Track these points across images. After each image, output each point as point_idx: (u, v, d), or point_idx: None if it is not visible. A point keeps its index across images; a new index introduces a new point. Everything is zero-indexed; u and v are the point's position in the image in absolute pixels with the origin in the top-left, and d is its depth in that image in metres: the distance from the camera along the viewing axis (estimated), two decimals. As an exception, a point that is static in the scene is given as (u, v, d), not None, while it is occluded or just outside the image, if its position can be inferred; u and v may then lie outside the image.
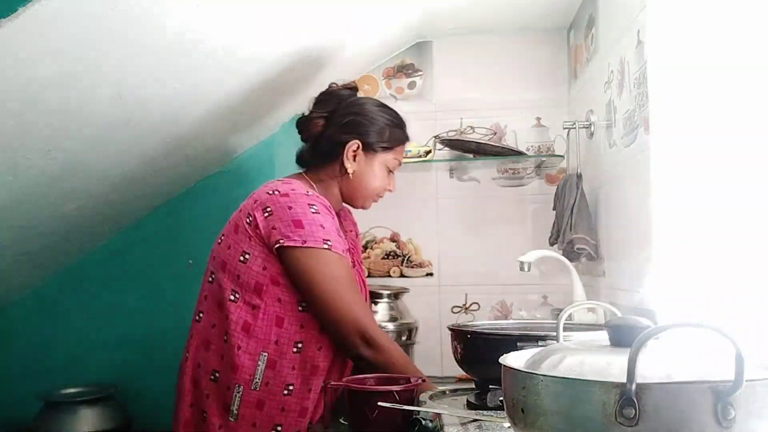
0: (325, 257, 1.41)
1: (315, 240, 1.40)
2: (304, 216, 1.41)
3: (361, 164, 1.57)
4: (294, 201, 1.42)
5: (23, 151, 1.41)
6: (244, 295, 1.43)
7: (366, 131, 1.56)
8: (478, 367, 1.37)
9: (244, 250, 1.43)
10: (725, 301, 1.26)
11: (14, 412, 2.09)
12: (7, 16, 1.00)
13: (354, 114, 1.57)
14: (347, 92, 1.62)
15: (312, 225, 1.40)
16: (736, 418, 0.63)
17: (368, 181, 1.59)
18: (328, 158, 1.58)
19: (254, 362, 1.41)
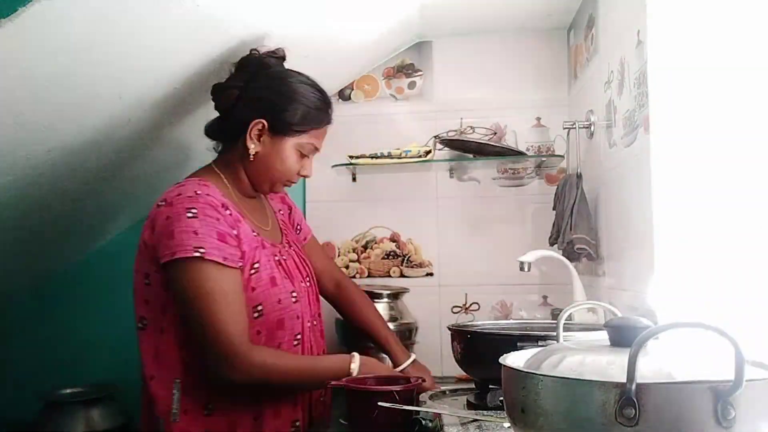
0: (194, 268, 1.24)
1: (184, 249, 1.24)
2: (178, 224, 1.26)
3: (267, 146, 1.39)
4: (172, 209, 1.28)
5: (23, 151, 1.41)
6: (152, 320, 1.33)
7: (278, 109, 1.37)
8: (478, 367, 1.37)
9: (146, 272, 1.33)
10: (725, 301, 1.26)
11: (14, 412, 2.09)
12: (7, 16, 1.00)
13: (269, 89, 1.39)
14: (273, 60, 1.45)
15: (183, 233, 1.25)
16: (736, 418, 0.63)
17: (273, 164, 1.40)
18: (234, 137, 1.41)
19: (169, 391, 1.31)
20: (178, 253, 1.25)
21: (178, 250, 1.25)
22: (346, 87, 2.31)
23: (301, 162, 1.43)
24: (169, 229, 1.27)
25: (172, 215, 1.27)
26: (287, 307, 1.37)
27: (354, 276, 2.28)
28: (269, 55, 1.45)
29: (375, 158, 2.10)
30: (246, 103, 1.40)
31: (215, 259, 1.26)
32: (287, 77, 1.42)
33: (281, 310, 1.36)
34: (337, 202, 2.30)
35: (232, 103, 1.41)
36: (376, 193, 2.29)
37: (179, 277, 1.26)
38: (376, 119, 2.30)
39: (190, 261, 1.25)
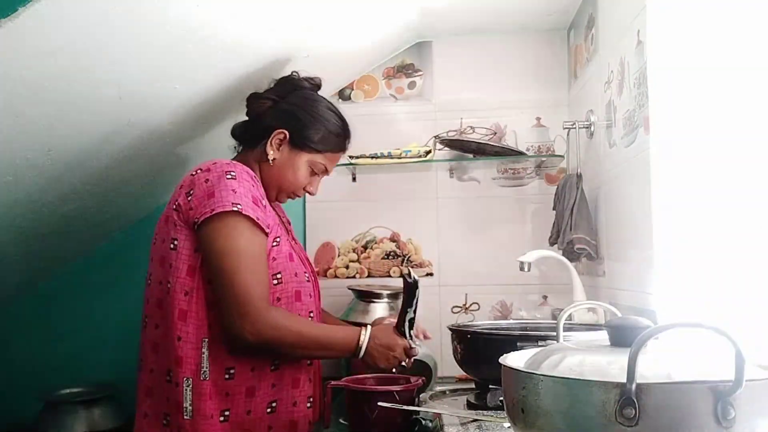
0: (229, 222, 1.31)
1: (223, 204, 1.31)
2: (218, 184, 1.33)
3: (284, 155, 1.50)
4: (211, 173, 1.36)
5: (23, 151, 1.41)
6: (176, 283, 1.35)
7: (301, 125, 1.50)
8: (478, 367, 1.37)
9: (173, 238, 1.37)
10: (725, 301, 1.26)
11: (14, 412, 2.09)
12: (7, 15, 1.00)
13: (299, 106, 1.52)
14: (308, 85, 1.58)
15: (223, 191, 1.32)
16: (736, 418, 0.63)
17: (286, 173, 1.51)
18: (257, 141, 1.51)
19: (198, 350, 1.34)
20: (217, 208, 1.31)
21: (218, 206, 1.31)
22: (346, 87, 2.31)
23: (309, 179, 1.54)
24: (209, 190, 1.34)
25: (212, 178, 1.35)
26: (303, 283, 1.44)
27: (354, 276, 2.28)
28: (307, 80, 1.58)
29: (375, 158, 2.10)
30: (275, 113, 1.52)
31: (250, 215, 1.33)
32: (318, 101, 1.56)
33: (299, 283, 1.43)
34: (337, 202, 2.30)
35: (262, 111, 1.53)
36: (376, 193, 2.29)
37: (215, 232, 1.32)
38: (376, 119, 2.30)
39: (228, 215, 1.31)
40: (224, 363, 1.35)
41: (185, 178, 1.40)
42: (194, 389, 1.33)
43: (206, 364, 1.34)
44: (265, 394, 1.39)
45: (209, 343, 1.34)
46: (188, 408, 1.33)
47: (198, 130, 1.85)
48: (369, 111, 2.30)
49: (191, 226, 1.35)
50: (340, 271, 2.27)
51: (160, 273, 1.39)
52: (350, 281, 2.26)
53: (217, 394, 1.35)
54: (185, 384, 1.33)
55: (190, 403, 1.33)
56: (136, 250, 2.19)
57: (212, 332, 1.35)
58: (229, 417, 1.35)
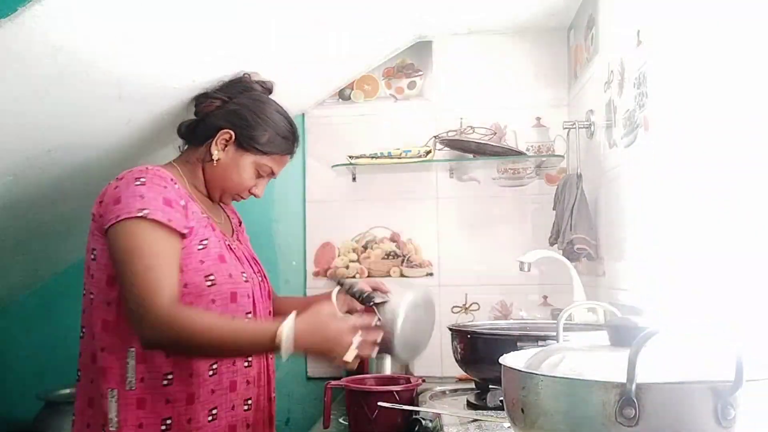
0: (131, 228, 1.26)
1: (129, 211, 1.26)
2: (125, 190, 1.29)
3: (229, 156, 1.46)
4: (122, 180, 1.32)
5: (23, 151, 1.41)
6: (98, 293, 1.33)
7: (247, 126, 1.46)
8: (478, 367, 1.37)
9: (92, 248, 1.34)
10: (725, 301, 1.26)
11: (14, 412, 2.09)
12: (7, 15, 1.00)
13: (247, 107, 1.48)
14: (259, 88, 1.54)
15: (129, 197, 1.28)
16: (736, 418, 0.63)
17: (231, 174, 1.47)
18: (201, 140, 1.47)
19: (122, 360, 1.30)
20: (123, 215, 1.27)
21: (123, 212, 1.27)
22: (346, 87, 2.31)
23: (255, 180, 1.50)
24: (116, 196, 1.30)
25: (121, 185, 1.31)
26: (238, 283, 1.39)
27: (354, 276, 2.28)
28: (259, 83, 1.53)
29: (375, 158, 2.10)
30: (222, 113, 1.47)
31: (158, 219, 1.27)
32: (267, 103, 1.51)
33: (233, 284, 1.37)
34: (337, 202, 2.30)
35: (210, 111, 1.49)
36: (376, 193, 2.29)
37: (120, 238, 1.27)
38: (376, 119, 2.30)
39: (133, 221, 1.26)
40: (161, 369, 1.31)
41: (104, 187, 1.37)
42: (119, 400, 1.30)
43: (132, 374, 1.30)
44: (205, 401, 1.34)
45: (137, 352, 1.30)
46: (113, 419, 1.29)
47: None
48: (369, 111, 2.30)
49: (103, 234, 1.31)
50: (340, 272, 2.27)
51: (85, 283, 1.37)
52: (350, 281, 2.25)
53: (155, 402, 1.31)
54: (110, 395, 1.30)
55: (116, 414, 1.29)
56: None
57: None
58: (171, 426, 1.31)
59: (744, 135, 1.29)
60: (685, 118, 1.30)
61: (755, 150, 1.29)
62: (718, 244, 1.28)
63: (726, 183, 1.29)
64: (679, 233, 1.29)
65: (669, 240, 1.30)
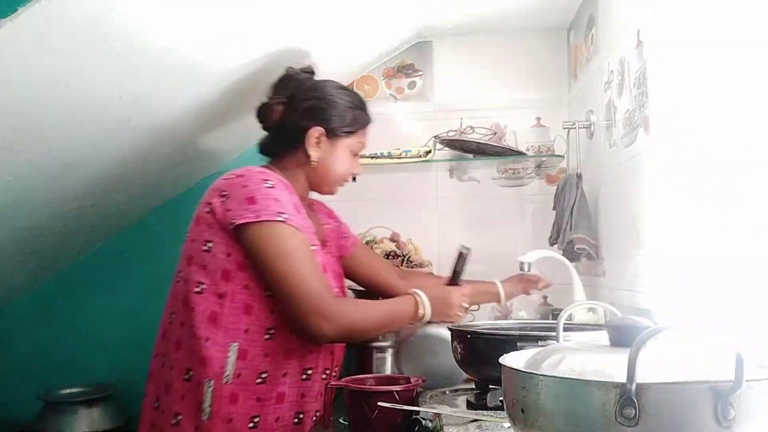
0: (277, 230, 1.34)
1: (269, 213, 1.33)
2: (258, 191, 1.36)
3: (325, 151, 1.52)
4: (248, 179, 1.38)
5: (23, 151, 1.41)
6: (210, 285, 1.37)
7: (328, 116, 1.50)
8: (478, 367, 1.37)
9: (206, 239, 1.38)
10: (725, 301, 1.26)
11: (14, 412, 2.09)
12: (7, 16, 1.00)
13: (314, 99, 1.51)
14: (305, 75, 1.57)
15: (266, 199, 1.35)
16: (736, 418, 0.63)
17: (333, 167, 1.54)
18: (292, 146, 1.52)
19: (224, 354, 1.35)
20: (263, 216, 1.33)
21: (263, 213, 1.33)
22: (346, 87, 2.31)
23: (353, 161, 1.58)
24: (248, 195, 1.35)
25: (249, 183, 1.37)
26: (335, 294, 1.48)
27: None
28: (302, 71, 1.58)
29: (375, 158, 2.10)
30: (296, 115, 1.51)
31: (295, 225, 1.36)
32: (325, 85, 1.55)
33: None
34: (337, 202, 2.29)
35: (279, 117, 1.53)
36: (376, 193, 2.29)
37: (262, 239, 1.34)
38: (376, 119, 2.29)
39: (274, 224, 1.34)
40: (258, 367, 1.37)
41: (217, 182, 1.42)
42: (214, 392, 1.34)
43: (231, 368, 1.35)
44: (292, 403, 1.41)
45: (239, 348, 1.35)
46: (206, 409, 1.33)
47: (199, 129, 1.85)
48: (369, 111, 2.30)
49: (226, 228, 1.36)
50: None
51: (189, 272, 1.40)
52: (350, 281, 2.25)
53: (246, 399, 1.35)
54: (207, 385, 1.34)
55: (209, 405, 1.33)
56: (136, 250, 2.20)
57: (248, 337, 1.36)
58: (258, 423, 1.36)
59: (744, 135, 1.29)
60: (685, 118, 1.30)
61: (755, 150, 1.29)
62: (718, 245, 1.28)
63: (726, 183, 1.29)
64: (679, 233, 1.29)
65: (669, 240, 1.30)
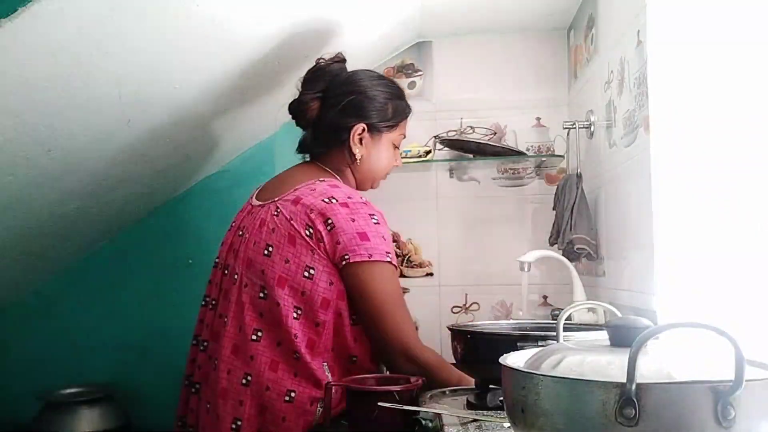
0: (385, 271, 1.37)
1: (380, 253, 1.36)
2: (368, 227, 1.36)
3: (369, 147, 1.48)
4: (355, 212, 1.37)
5: (23, 151, 1.41)
6: (307, 311, 1.35)
7: (368, 112, 1.46)
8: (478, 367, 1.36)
9: (307, 265, 1.35)
10: (725, 301, 1.26)
11: (14, 412, 2.09)
12: (7, 16, 1.00)
13: (351, 93, 1.46)
14: (338, 66, 1.52)
15: (376, 237, 1.36)
16: (736, 418, 0.63)
17: (377, 163, 1.52)
18: (335, 144, 1.48)
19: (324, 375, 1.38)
20: (375, 256, 1.35)
21: (375, 253, 1.35)
22: (346, 87, 2.31)
23: (395, 154, 1.55)
24: (360, 231, 1.35)
25: (358, 218, 1.36)
26: None
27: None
28: (334, 61, 1.52)
29: (375, 158, 2.10)
30: (335, 111, 1.46)
31: (395, 264, 1.40)
32: (361, 77, 1.50)
33: None
34: (337, 202, 2.29)
35: (316, 114, 1.48)
36: (376, 193, 2.28)
37: (372, 278, 1.36)
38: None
39: (383, 264, 1.36)
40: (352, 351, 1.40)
41: (311, 202, 1.37)
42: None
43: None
44: None
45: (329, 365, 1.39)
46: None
47: (199, 130, 1.85)
48: (369, 111, 2.30)
49: (333, 260, 1.35)
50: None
51: (281, 295, 1.35)
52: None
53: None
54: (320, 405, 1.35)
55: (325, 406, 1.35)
56: (136, 250, 2.19)
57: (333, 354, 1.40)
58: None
59: (744, 135, 1.29)
60: (685, 118, 1.30)
61: (755, 150, 1.29)
62: (718, 244, 1.28)
63: (726, 183, 1.29)
64: (680, 233, 1.29)
65: (669, 240, 1.30)
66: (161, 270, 2.15)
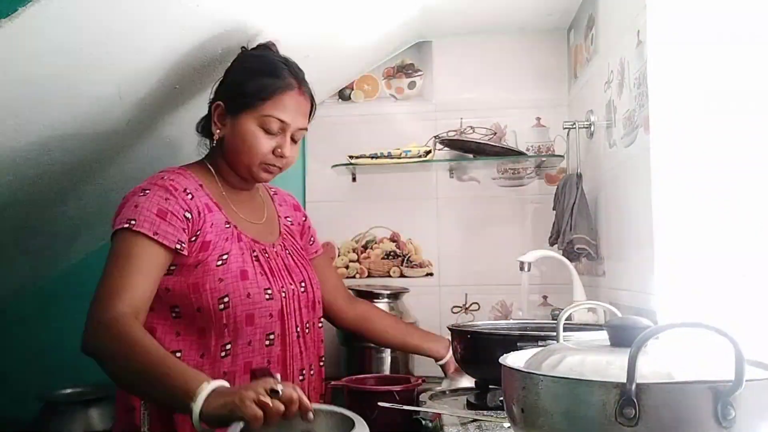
0: (120, 238, 1.23)
1: (120, 221, 1.24)
2: (128, 201, 1.27)
3: (228, 128, 1.35)
4: (133, 190, 1.30)
5: (23, 151, 1.41)
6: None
7: (230, 88, 1.35)
8: (478, 367, 1.37)
9: None
10: (725, 301, 1.26)
11: (14, 412, 2.09)
12: (7, 15, 1.00)
13: (227, 72, 1.39)
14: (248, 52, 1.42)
15: (126, 208, 1.25)
16: (736, 418, 0.63)
17: (239, 145, 1.33)
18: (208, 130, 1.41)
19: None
20: (116, 226, 1.25)
21: (117, 223, 1.25)
22: (346, 87, 2.31)
23: (271, 141, 1.34)
24: (120, 206, 1.29)
25: (127, 195, 1.29)
26: (258, 303, 1.31)
27: (354, 276, 2.28)
28: (253, 49, 1.42)
29: (375, 158, 2.10)
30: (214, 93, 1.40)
31: (144, 231, 1.22)
32: (242, 56, 1.39)
33: (251, 304, 1.30)
34: (337, 202, 2.30)
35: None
36: (376, 193, 2.29)
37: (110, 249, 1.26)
38: (376, 119, 2.30)
39: (121, 232, 1.24)
40: (170, 345, 1.27)
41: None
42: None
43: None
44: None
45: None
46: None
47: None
48: (369, 111, 2.30)
49: None
50: (341, 271, 2.27)
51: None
52: (350, 281, 2.26)
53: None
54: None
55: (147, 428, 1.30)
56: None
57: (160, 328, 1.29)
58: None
59: (744, 135, 1.29)
60: (685, 118, 1.30)
61: (755, 150, 1.29)
62: (718, 244, 1.28)
63: (726, 183, 1.29)
64: (680, 233, 1.29)
65: (669, 240, 1.30)
66: (161, 270, 2.14)
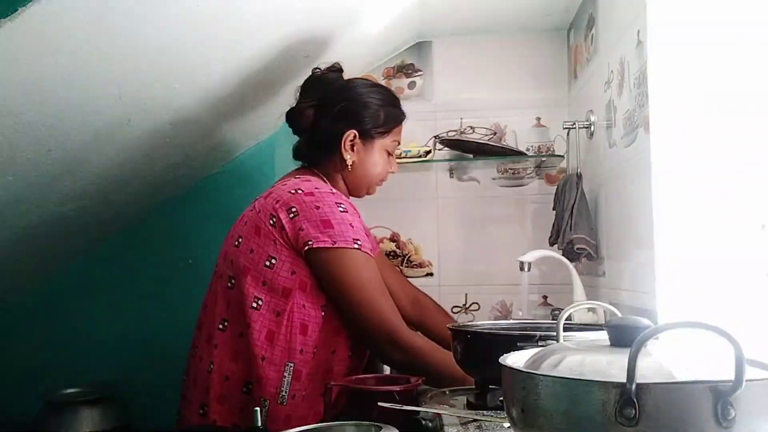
0: (354, 258, 1.36)
1: (345, 240, 1.34)
2: (333, 215, 1.36)
3: (360, 154, 1.51)
4: (320, 200, 1.37)
5: (23, 151, 1.41)
6: (268, 301, 1.35)
7: (360, 118, 1.49)
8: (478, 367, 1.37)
9: (270, 255, 1.37)
10: (725, 301, 1.26)
11: (14, 412, 2.09)
12: (7, 16, 1.00)
13: (345, 100, 1.50)
14: (334, 75, 1.56)
15: (341, 224, 1.35)
16: (736, 418, 0.63)
17: (369, 169, 1.54)
18: (328, 151, 1.51)
19: (280, 374, 1.34)
20: (339, 243, 1.34)
21: (339, 239, 1.34)
22: (346, 87, 2.31)
23: (389, 161, 1.57)
24: (323, 218, 1.35)
25: (323, 206, 1.36)
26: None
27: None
28: (330, 71, 1.56)
29: (375, 158, 2.10)
30: (328, 118, 1.50)
31: (368, 252, 1.38)
32: (356, 85, 1.54)
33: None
34: (337, 202, 2.29)
35: (311, 121, 1.52)
36: (376, 193, 2.28)
37: (339, 265, 1.35)
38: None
39: (350, 251, 1.35)
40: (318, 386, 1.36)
41: (279, 194, 1.40)
42: (269, 412, 1.32)
43: (286, 389, 1.34)
44: None
45: (295, 369, 1.35)
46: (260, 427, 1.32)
47: (199, 130, 1.85)
48: (369, 111, 2.30)
49: (296, 247, 1.35)
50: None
51: (243, 284, 1.37)
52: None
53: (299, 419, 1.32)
54: (263, 404, 1.33)
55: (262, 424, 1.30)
56: (136, 250, 2.19)
57: (302, 357, 1.36)
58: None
59: (744, 135, 1.29)
60: (685, 118, 1.30)
61: (755, 150, 1.29)
62: (718, 244, 1.28)
63: (726, 182, 1.29)
64: (680, 233, 1.29)
65: (669, 240, 1.30)
66: (161, 270, 2.15)
